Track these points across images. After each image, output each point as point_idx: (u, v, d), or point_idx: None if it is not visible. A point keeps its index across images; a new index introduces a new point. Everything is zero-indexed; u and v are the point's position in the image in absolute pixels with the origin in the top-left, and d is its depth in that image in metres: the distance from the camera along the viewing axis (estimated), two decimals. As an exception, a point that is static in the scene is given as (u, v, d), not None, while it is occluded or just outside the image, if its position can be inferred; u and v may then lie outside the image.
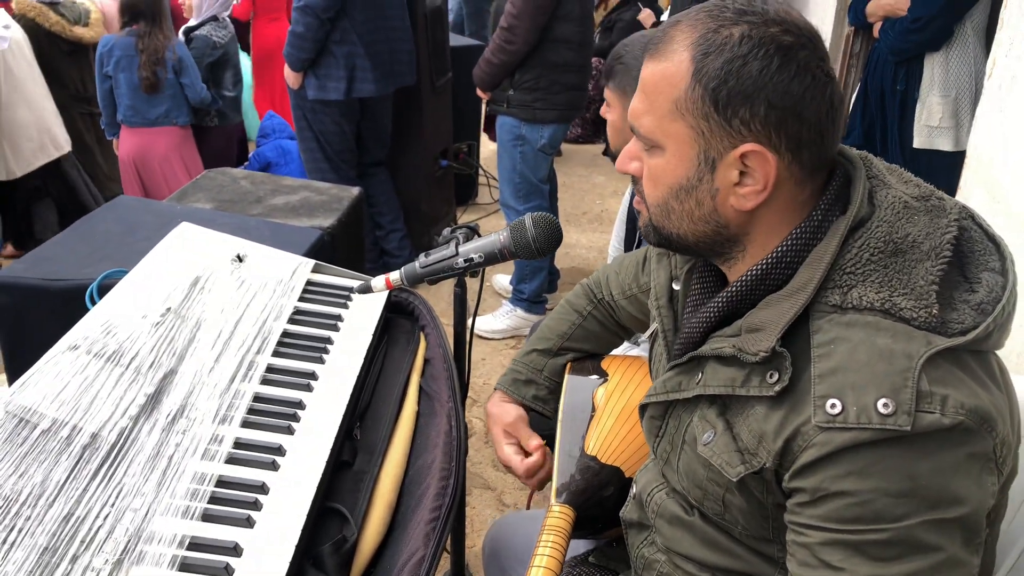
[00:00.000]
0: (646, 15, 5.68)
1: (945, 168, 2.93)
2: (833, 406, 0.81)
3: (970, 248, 0.91)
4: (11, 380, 1.75)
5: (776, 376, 0.87)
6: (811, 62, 0.87)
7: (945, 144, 3.02)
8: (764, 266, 0.93)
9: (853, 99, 3.47)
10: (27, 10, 4.26)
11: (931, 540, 0.80)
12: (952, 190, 2.35)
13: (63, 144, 4.23)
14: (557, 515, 1.17)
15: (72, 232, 1.90)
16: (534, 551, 1.12)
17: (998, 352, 0.92)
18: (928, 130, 3.08)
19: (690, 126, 0.89)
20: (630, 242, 2.22)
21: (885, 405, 0.79)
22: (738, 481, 0.92)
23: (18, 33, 4.05)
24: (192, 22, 4.26)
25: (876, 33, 3.23)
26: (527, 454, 1.35)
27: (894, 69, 3.14)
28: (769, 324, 0.89)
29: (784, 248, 0.92)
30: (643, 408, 1.08)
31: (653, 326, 1.14)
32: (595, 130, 6.25)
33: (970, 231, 0.92)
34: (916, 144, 3.10)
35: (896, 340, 0.82)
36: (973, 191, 2.24)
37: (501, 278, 3.90)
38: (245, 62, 5.20)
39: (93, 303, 1.43)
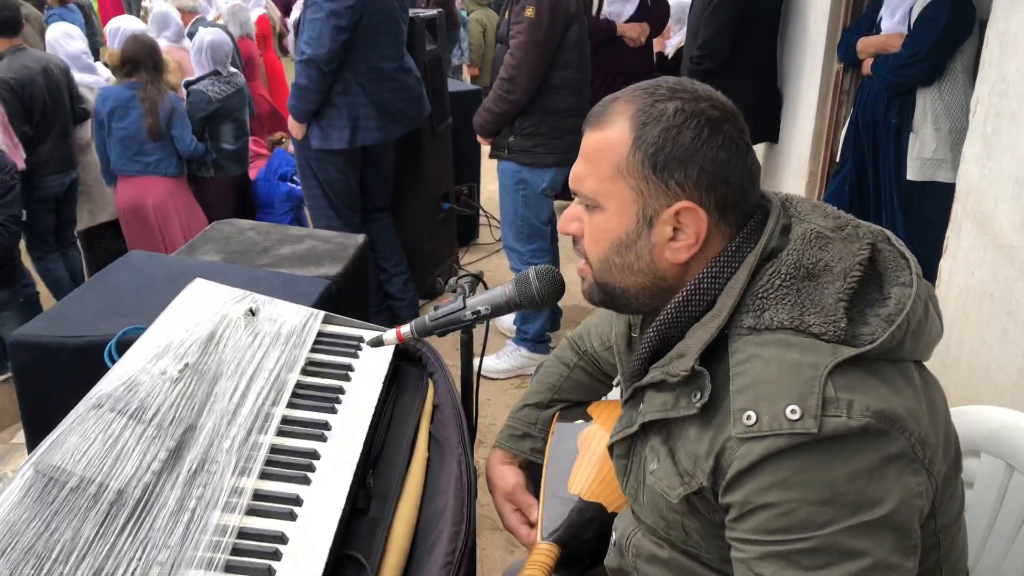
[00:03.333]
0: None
1: (942, 199, 2.99)
2: (749, 417, 0.88)
3: (884, 267, 0.98)
4: (29, 435, 1.79)
5: (699, 395, 0.95)
6: (734, 134, 0.98)
7: (942, 175, 3.08)
8: (684, 295, 1.01)
9: (844, 134, 3.53)
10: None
11: (856, 545, 0.85)
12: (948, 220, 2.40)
13: None
14: (541, 551, 1.22)
15: (87, 288, 1.95)
16: None
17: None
18: (922, 162, 3.14)
19: (631, 187, 1.00)
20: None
21: (793, 411, 0.86)
22: (687, 504, 0.99)
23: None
24: (195, 75, 4.37)
25: (867, 69, 3.30)
26: (531, 523, 1.38)
27: (886, 104, 3.21)
28: (690, 348, 0.97)
29: (701, 276, 1.00)
30: (611, 449, 1.14)
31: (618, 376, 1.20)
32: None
33: (884, 251, 1.00)
34: (911, 176, 3.16)
35: (804, 353, 0.89)
36: (963, 223, 2.29)
37: (505, 318, 3.95)
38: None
39: (113, 360, 1.48)
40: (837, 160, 3.66)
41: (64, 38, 4.44)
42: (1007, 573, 1.26)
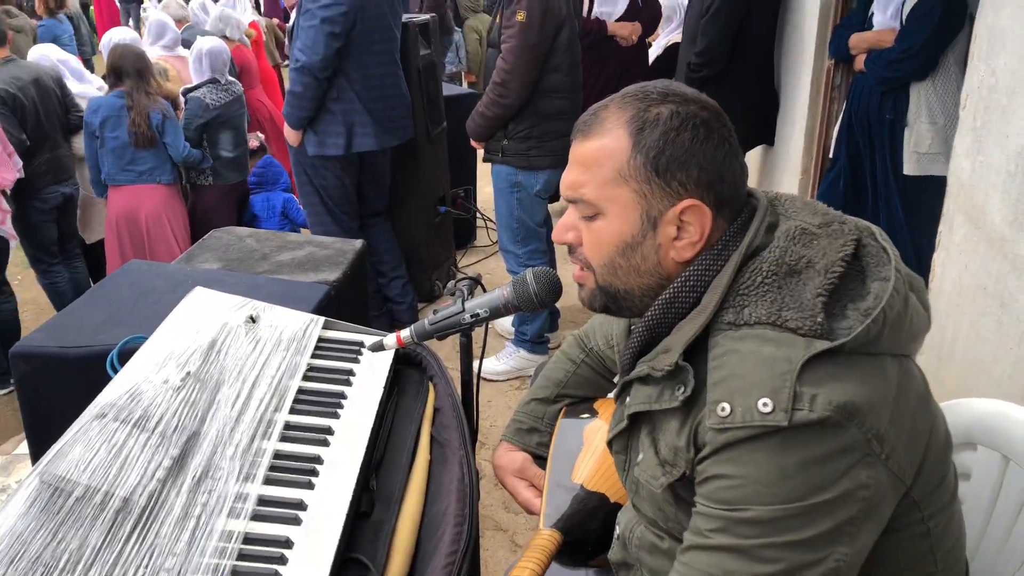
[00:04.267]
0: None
1: (941, 192, 3.00)
2: (723, 409, 0.92)
3: (868, 262, 1.01)
4: (33, 445, 1.80)
5: (682, 388, 0.98)
6: (725, 133, 1.02)
7: (937, 169, 3.09)
8: (672, 291, 1.04)
9: (837, 130, 3.55)
10: None
11: (792, 524, 0.89)
12: (938, 217, 2.42)
13: None
14: (543, 537, 1.23)
15: (87, 298, 1.96)
16: (516, 566, 1.17)
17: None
18: (918, 156, 3.16)
19: (633, 190, 1.02)
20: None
21: (765, 404, 0.89)
22: (673, 494, 1.02)
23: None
24: (193, 83, 4.38)
25: (859, 65, 3.32)
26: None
27: (880, 99, 3.23)
28: (675, 344, 1.00)
29: (688, 274, 1.03)
30: (610, 445, 1.17)
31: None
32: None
33: (869, 246, 1.02)
34: (907, 171, 3.17)
35: (779, 347, 0.92)
36: (955, 217, 2.31)
37: (503, 320, 3.96)
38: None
39: (115, 370, 1.49)
40: (831, 156, 3.67)
41: (43, 59, 4.40)
42: (1005, 563, 1.28)
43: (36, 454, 1.76)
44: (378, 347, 1.44)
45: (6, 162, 3.76)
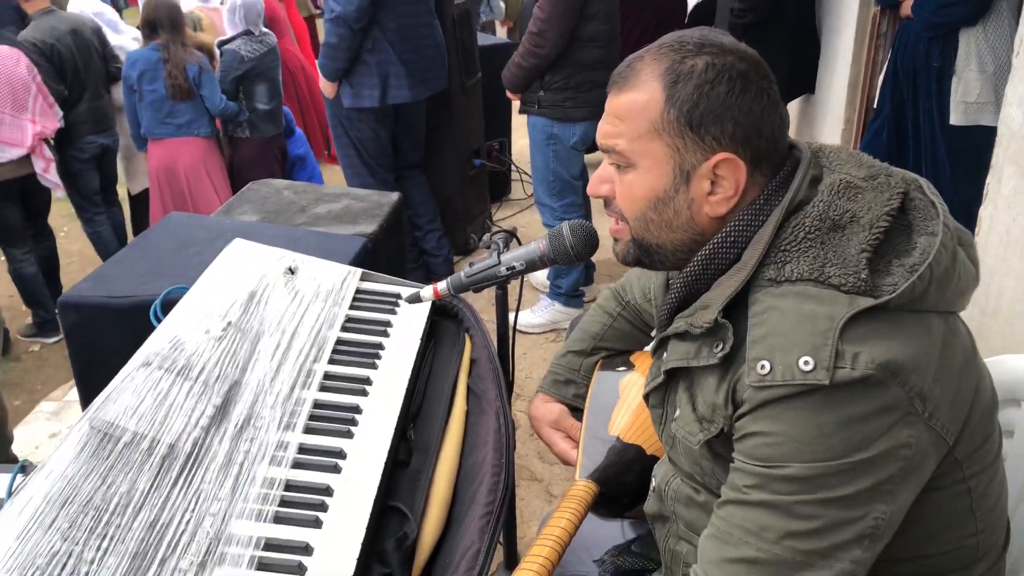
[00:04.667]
0: None
1: (988, 142, 2.92)
2: (763, 367, 0.90)
3: (915, 216, 0.98)
4: (82, 392, 1.86)
5: (721, 346, 0.96)
6: (764, 85, 0.99)
7: (985, 119, 3.00)
8: (712, 247, 1.02)
9: (882, 79, 3.45)
10: None
11: (831, 482, 0.88)
12: (986, 169, 2.35)
13: None
14: (579, 488, 1.24)
15: (130, 250, 1.99)
16: (553, 515, 1.18)
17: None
18: (965, 106, 3.06)
19: (666, 144, 1.00)
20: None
21: (806, 363, 0.87)
22: (710, 451, 1.02)
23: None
24: (227, 35, 4.38)
25: (906, 11, 3.21)
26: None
27: (927, 46, 3.13)
28: (714, 300, 0.98)
29: (729, 230, 1.01)
30: (646, 399, 1.16)
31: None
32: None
33: (916, 200, 0.99)
34: (954, 120, 3.08)
35: (822, 304, 0.90)
36: (1004, 168, 2.24)
37: (539, 273, 3.96)
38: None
39: (158, 320, 1.52)
40: (875, 107, 3.58)
41: (80, 10, 4.48)
42: (1046, 520, 1.26)
43: (86, 401, 1.81)
44: (415, 299, 1.45)
45: (47, 112, 3.85)
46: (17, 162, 3.82)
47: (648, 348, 1.56)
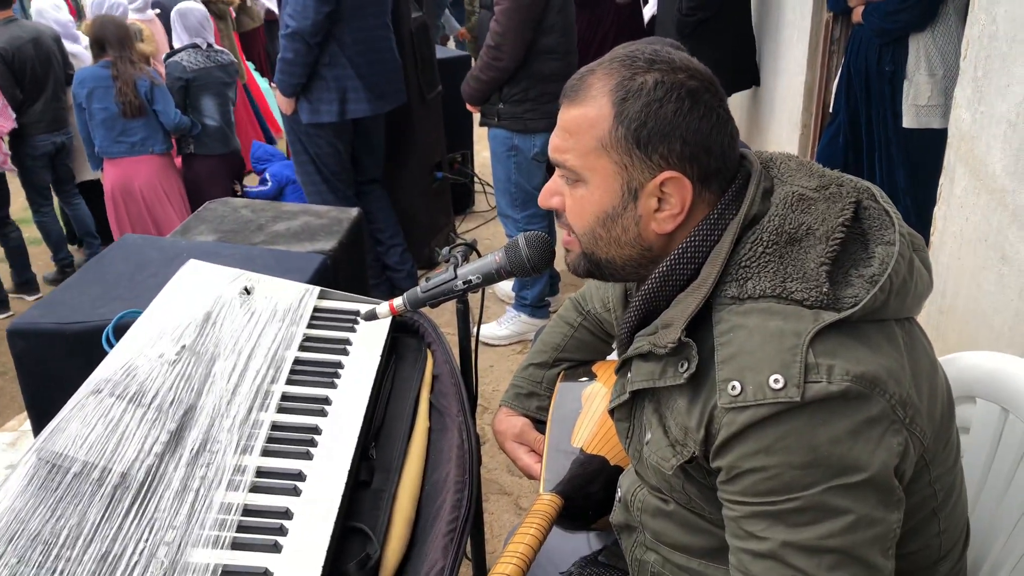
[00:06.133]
0: None
1: (939, 145, 2.98)
2: (734, 388, 0.89)
3: (870, 224, 0.98)
4: (35, 421, 1.81)
5: (686, 365, 0.95)
6: (713, 103, 0.98)
7: (936, 122, 3.06)
8: (669, 263, 1.01)
9: (836, 83, 3.51)
10: None
11: (841, 504, 0.87)
12: (938, 170, 2.39)
13: None
14: (544, 502, 1.23)
15: (83, 274, 1.95)
16: (517, 531, 1.17)
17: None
18: (916, 109, 3.12)
19: (614, 161, 0.99)
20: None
21: (776, 380, 0.87)
22: (682, 471, 1.00)
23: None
24: (175, 47, 4.38)
25: (857, 17, 3.27)
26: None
27: (879, 51, 3.18)
28: (676, 319, 0.97)
29: (685, 245, 1.01)
30: (611, 413, 1.15)
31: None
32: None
33: (870, 208, 0.99)
34: (906, 124, 3.14)
35: (787, 321, 0.90)
36: (956, 169, 2.28)
37: (503, 284, 3.95)
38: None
39: (110, 345, 1.48)
40: (830, 111, 3.63)
41: (51, 9, 4.65)
42: (1004, 516, 1.28)
43: (38, 430, 1.77)
44: (371, 316, 1.43)
45: (4, 112, 4.05)
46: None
47: (611, 357, 1.56)
